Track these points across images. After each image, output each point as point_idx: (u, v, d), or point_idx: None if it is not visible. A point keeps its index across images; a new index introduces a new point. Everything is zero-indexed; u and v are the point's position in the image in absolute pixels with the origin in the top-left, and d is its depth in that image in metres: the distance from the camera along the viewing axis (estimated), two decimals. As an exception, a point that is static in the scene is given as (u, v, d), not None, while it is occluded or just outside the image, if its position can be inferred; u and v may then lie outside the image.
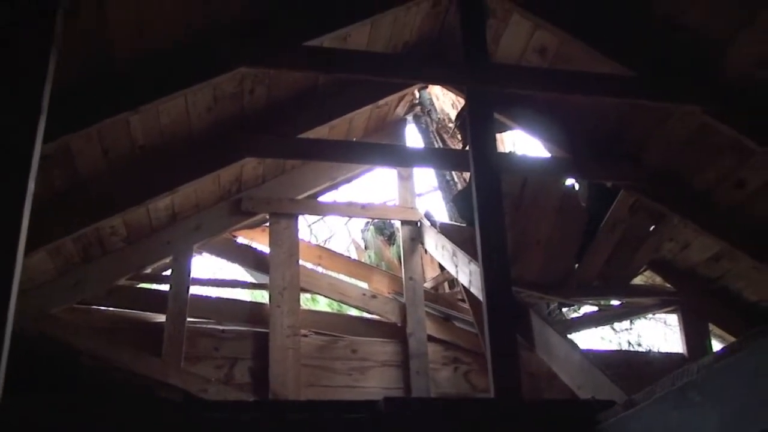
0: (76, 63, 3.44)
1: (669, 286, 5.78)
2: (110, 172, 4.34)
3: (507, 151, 6.77)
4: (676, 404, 1.74)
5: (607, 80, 4.27)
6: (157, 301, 5.31)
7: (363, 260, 6.93)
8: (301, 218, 5.79)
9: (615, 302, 5.87)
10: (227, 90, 4.31)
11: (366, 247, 7.19)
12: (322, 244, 8.39)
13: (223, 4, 3.69)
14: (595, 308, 5.90)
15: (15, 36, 2.79)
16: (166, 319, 5.13)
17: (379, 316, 5.62)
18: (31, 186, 2.62)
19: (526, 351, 3.71)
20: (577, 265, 5.35)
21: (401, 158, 5.24)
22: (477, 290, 4.11)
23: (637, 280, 5.91)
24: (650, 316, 7.36)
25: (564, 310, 5.90)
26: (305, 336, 5.31)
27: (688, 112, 4.39)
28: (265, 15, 3.90)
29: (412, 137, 6.60)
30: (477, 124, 3.84)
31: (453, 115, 6.39)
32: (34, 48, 2.76)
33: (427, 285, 5.89)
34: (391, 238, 6.79)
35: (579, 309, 6.24)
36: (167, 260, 5.45)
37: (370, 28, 4.49)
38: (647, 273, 5.96)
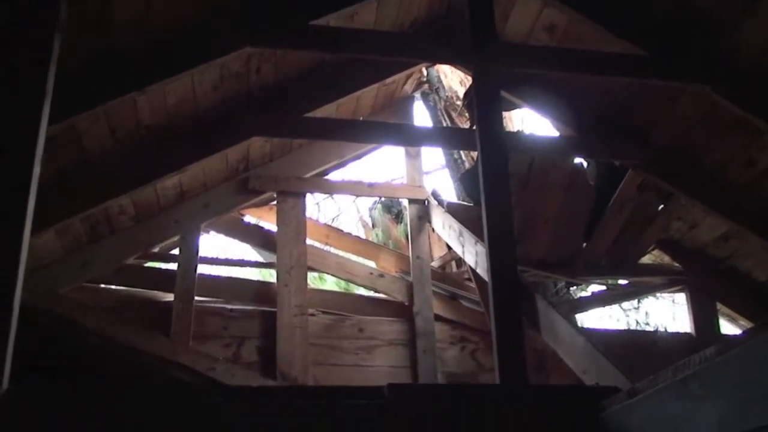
0: (82, 45, 3.43)
1: (677, 265, 5.76)
2: (117, 152, 4.34)
3: (515, 129, 6.74)
4: (678, 395, 1.74)
5: (616, 60, 4.24)
6: (165, 280, 5.32)
7: (370, 239, 6.93)
8: (309, 196, 5.78)
9: (623, 281, 5.85)
10: (234, 69, 4.29)
11: (374, 226, 7.19)
12: (330, 222, 8.41)
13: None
14: (603, 287, 5.89)
15: (18, 21, 2.78)
16: (175, 298, 5.14)
17: (386, 295, 5.62)
18: (37, 168, 2.61)
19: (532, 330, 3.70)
20: (585, 244, 5.35)
21: (408, 137, 5.22)
22: (483, 271, 4.10)
23: (646, 259, 5.90)
24: (658, 295, 7.35)
25: (572, 289, 5.90)
26: (312, 315, 5.32)
27: (698, 92, 4.36)
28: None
29: (420, 115, 6.57)
30: (484, 103, 3.80)
31: (461, 92, 6.35)
32: (38, 33, 2.74)
33: (435, 264, 5.88)
34: (398, 217, 6.78)
35: (587, 288, 6.23)
36: (175, 239, 5.47)
37: (377, 6, 4.45)
38: (655, 252, 5.94)
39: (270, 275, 5.95)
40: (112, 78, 3.63)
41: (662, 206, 5.33)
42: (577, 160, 5.26)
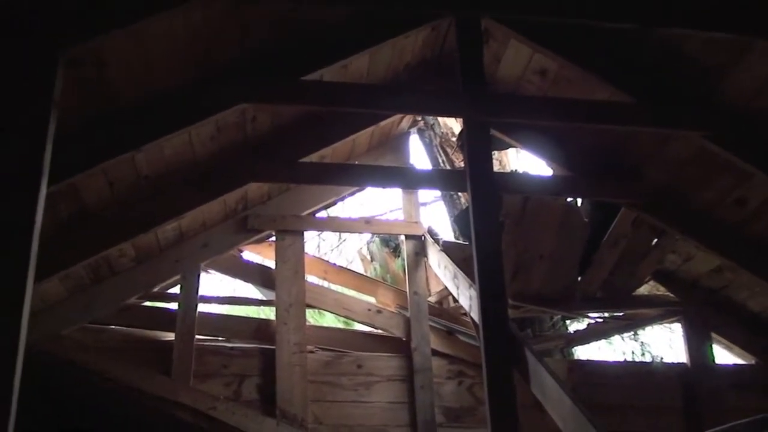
0: (79, 107, 3.51)
1: (672, 296, 5.82)
2: (116, 202, 4.43)
3: (509, 167, 6.81)
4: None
5: (606, 108, 4.31)
6: (166, 320, 5.40)
7: (368, 272, 7.00)
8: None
9: (618, 313, 5.91)
10: (230, 120, 4.37)
11: (372, 259, 7.26)
12: (332, 249, 8.48)
13: (221, 45, 3.74)
14: (599, 320, 5.95)
15: (15, 93, 2.87)
16: (176, 337, 5.22)
17: (384, 331, 5.69)
18: (38, 222, 2.72)
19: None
20: (580, 278, 5.41)
21: (402, 180, 5.30)
22: (477, 316, 4.16)
23: (642, 290, 5.96)
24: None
25: (567, 322, 5.96)
26: (311, 352, 5.39)
27: (688, 134, 4.43)
28: (263, 51, 3.95)
29: (416, 151, 6.64)
30: (474, 150, 3.84)
31: (456, 129, 6.42)
32: (34, 109, 2.83)
33: (432, 299, 5.95)
34: (396, 250, 6.85)
35: (582, 321, 6.29)
36: (175, 278, 5.55)
37: (369, 55, 4.53)
38: (651, 283, 6.01)
39: (270, 312, 6.01)
40: (110, 138, 3.72)
41: (656, 240, 5.39)
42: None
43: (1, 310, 2.53)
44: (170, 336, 5.29)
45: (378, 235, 7.08)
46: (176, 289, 5.54)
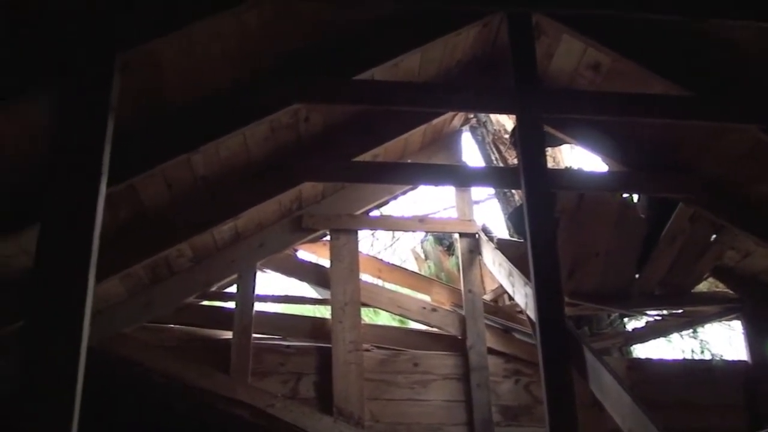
0: (136, 112, 3.57)
1: (732, 293, 5.71)
2: (174, 203, 4.50)
3: (564, 163, 6.74)
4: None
5: (661, 101, 4.24)
6: (223, 319, 5.47)
7: (422, 271, 6.99)
8: (361, 229, 5.90)
9: (677, 311, 5.82)
10: (283, 120, 4.40)
11: (426, 257, 7.25)
12: (385, 248, 8.51)
13: (272, 45, 3.78)
14: (658, 317, 5.86)
15: (74, 97, 2.94)
16: (233, 335, 5.29)
17: (440, 329, 5.68)
18: (98, 224, 2.79)
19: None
20: (637, 276, 5.34)
21: (455, 178, 5.30)
22: (533, 313, 4.14)
23: (700, 287, 5.86)
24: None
25: (625, 320, 5.89)
26: (367, 350, 5.41)
27: (744, 127, 4.34)
28: (314, 50, 3.98)
29: (469, 148, 6.62)
30: (527, 147, 3.83)
31: (509, 126, 6.39)
32: (93, 113, 2.89)
33: (487, 297, 5.92)
34: (450, 248, 6.83)
35: (640, 319, 6.21)
36: (232, 278, 5.63)
37: (421, 53, 4.52)
38: (710, 279, 5.90)
39: (325, 310, 6.06)
40: (167, 139, 3.77)
41: (715, 236, 5.29)
42: (627, 192, 5.27)
43: (64, 311, 2.59)
44: (228, 334, 5.36)
45: (432, 234, 7.07)
46: (233, 288, 5.63)
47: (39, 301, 2.61)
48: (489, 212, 10.30)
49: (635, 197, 5.39)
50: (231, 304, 5.49)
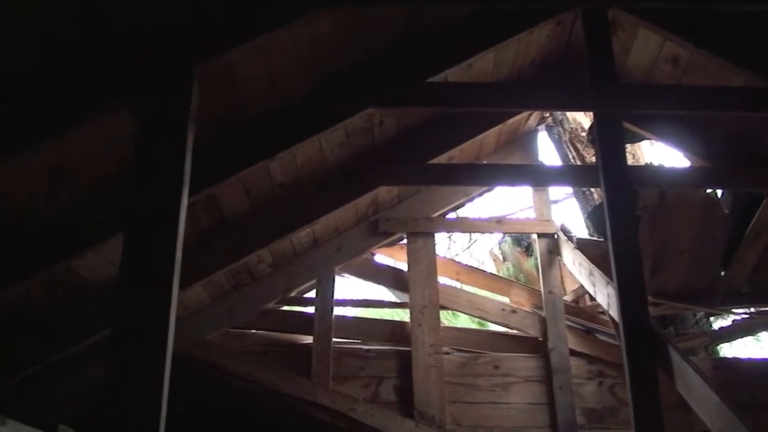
0: (214, 122, 3.64)
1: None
2: (252, 210, 4.57)
3: (643, 160, 6.60)
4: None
5: (742, 94, 4.10)
6: (303, 323, 5.54)
7: (501, 272, 6.94)
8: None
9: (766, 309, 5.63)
10: (358, 125, 4.42)
11: (504, 259, 7.19)
12: (463, 250, 8.47)
13: (345, 51, 3.79)
14: (745, 316, 5.68)
15: (154, 108, 3.01)
16: (314, 340, 5.35)
17: (520, 331, 5.62)
18: (181, 233, 2.84)
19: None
20: (722, 273, 5.18)
21: (533, 178, 5.23)
22: (615, 313, 4.06)
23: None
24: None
25: (711, 319, 5.72)
26: (447, 353, 5.40)
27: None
28: (387, 54, 3.98)
29: (545, 148, 6.54)
30: (606, 143, 3.78)
31: (586, 124, 6.29)
32: (174, 124, 2.95)
33: (567, 298, 5.84)
34: (528, 249, 6.76)
35: (727, 317, 6.03)
36: (311, 283, 5.69)
37: (495, 53, 4.49)
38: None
39: (404, 314, 6.06)
40: (245, 147, 3.83)
41: (804, 231, 5.09)
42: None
43: (150, 318, 2.65)
44: (308, 339, 5.42)
45: (509, 235, 7.01)
46: (312, 293, 5.68)
47: (125, 309, 2.67)
48: (567, 212, 10.17)
49: (719, 192, 5.23)
50: (311, 309, 5.55)
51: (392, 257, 6.13)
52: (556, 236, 5.73)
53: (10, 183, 3.22)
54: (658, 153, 7.34)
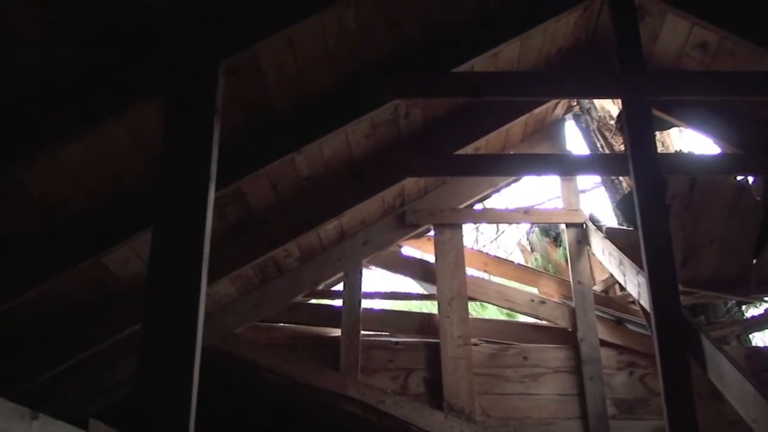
0: (240, 115, 3.64)
1: None
2: (279, 204, 4.57)
3: (673, 148, 6.52)
4: None
5: (771, 78, 4.03)
6: (331, 316, 5.55)
7: (529, 263, 6.90)
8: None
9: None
10: (383, 117, 4.41)
11: (532, 249, 7.15)
12: (490, 241, 8.43)
13: (371, 42, 3.78)
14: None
15: (180, 102, 3.01)
16: (342, 333, 5.36)
17: (549, 321, 5.59)
18: (209, 226, 2.84)
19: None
20: (754, 261, 5.11)
21: (560, 167, 5.18)
22: (647, 303, 4.02)
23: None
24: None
25: (743, 307, 5.65)
26: (476, 345, 5.38)
27: None
28: (412, 44, 3.95)
29: (572, 137, 6.48)
30: (635, 131, 3.72)
31: (614, 111, 6.22)
32: (200, 117, 2.95)
33: (597, 288, 5.79)
34: (557, 240, 6.72)
35: (759, 306, 5.95)
36: (338, 276, 5.69)
37: (521, 41, 4.45)
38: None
39: (432, 306, 6.05)
40: (271, 141, 3.82)
41: (838, 218, 5.01)
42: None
43: (179, 312, 2.65)
44: (336, 332, 5.43)
45: (537, 225, 6.96)
46: (340, 287, 5.69)
47: (154, 303, 2.68)
48: (596, 201, 10.10)
49: (750, 179, 5.15)
50: (338, 302, 5.55)
51: (419, 249, 6.11)
52: (584, 226, 5.68)
53: (52, 176, 3.26)
54: (688, 140, 7.26)
